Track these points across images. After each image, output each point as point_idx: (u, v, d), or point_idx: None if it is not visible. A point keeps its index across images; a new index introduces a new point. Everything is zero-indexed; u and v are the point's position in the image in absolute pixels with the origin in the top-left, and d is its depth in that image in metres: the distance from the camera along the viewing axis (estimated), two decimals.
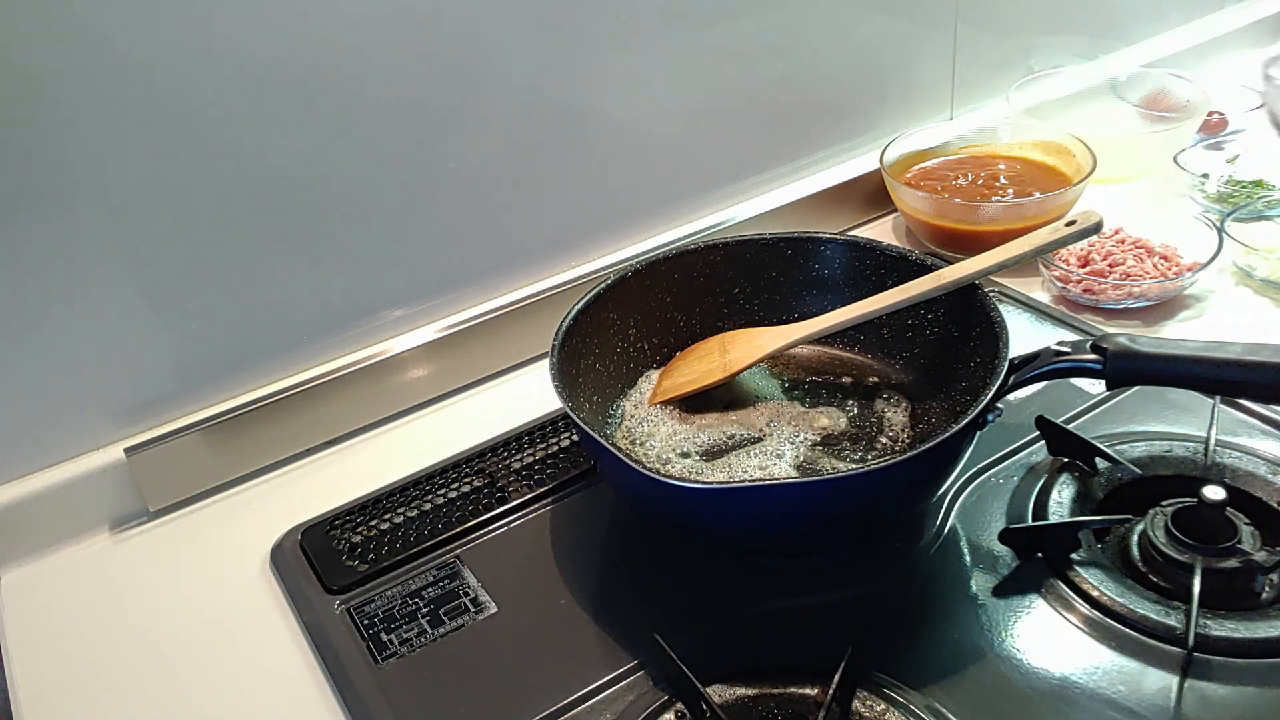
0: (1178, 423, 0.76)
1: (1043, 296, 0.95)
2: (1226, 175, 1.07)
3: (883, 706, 0.58)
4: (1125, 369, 0.64)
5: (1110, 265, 0.93)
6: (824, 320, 0.78)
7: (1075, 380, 0.80)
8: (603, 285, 0.79)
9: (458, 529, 0.75)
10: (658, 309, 0.84)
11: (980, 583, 0.66)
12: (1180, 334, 0.88)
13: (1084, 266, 0.94)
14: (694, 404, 0.80)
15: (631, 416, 0.80)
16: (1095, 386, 0.79)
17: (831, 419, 0.78)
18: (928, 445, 0.62)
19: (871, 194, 1.10)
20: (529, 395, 0.89)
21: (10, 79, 0.66)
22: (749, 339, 0.81)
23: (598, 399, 0.80)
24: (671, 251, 0.83)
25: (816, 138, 1.07)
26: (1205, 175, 1.07)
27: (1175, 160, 1.09)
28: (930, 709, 0.58)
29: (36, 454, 0.78)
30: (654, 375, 0.84)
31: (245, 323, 0.82)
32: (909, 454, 0.63)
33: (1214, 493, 0.65)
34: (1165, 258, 0.93)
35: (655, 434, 0.78)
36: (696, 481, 0.71)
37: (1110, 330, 0.87)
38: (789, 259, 0.84)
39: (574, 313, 0.76)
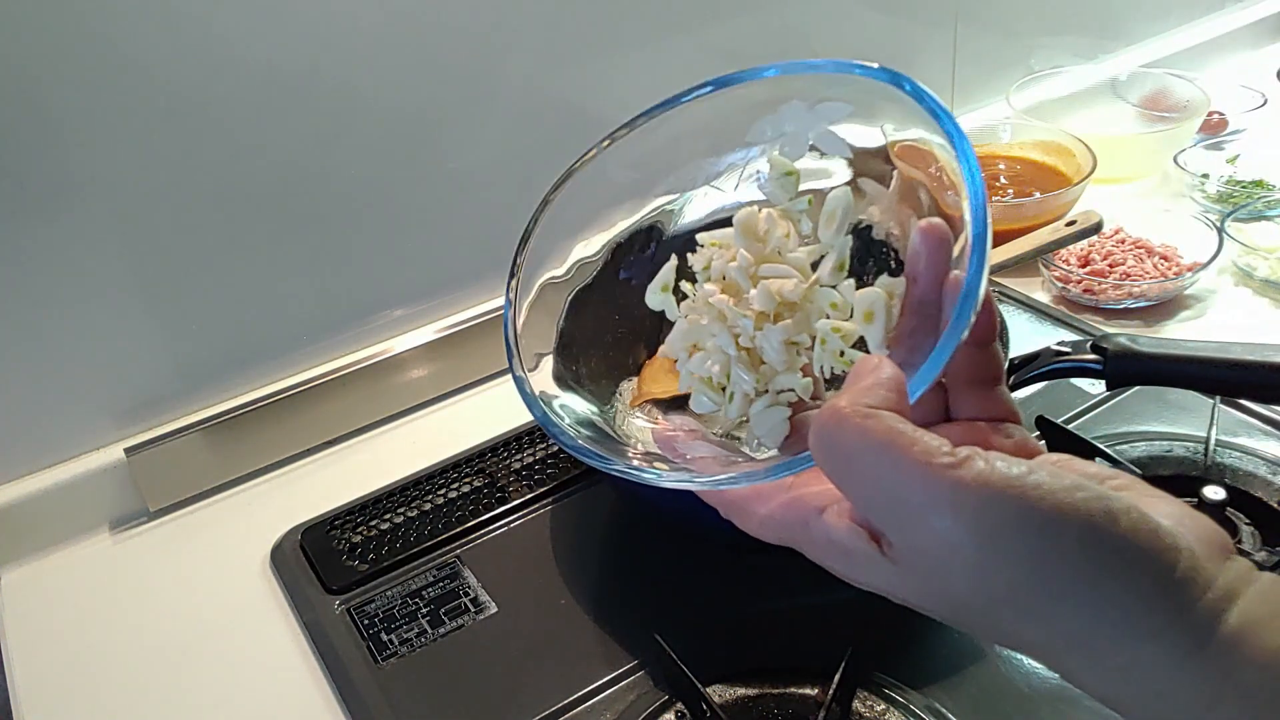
0: (1178, 423, 0.76)
1: (1043, 296, 0.95)
2: (1226, 175, 1.07)
3: (883, 706, 0.58)
4: (1125, 369, 0.64)
5: (1110, 265, 0.93)
6: None
7: (1075, 380, 0.80)
8: None
9: (458, 529, 0.75)
10: None
11: None
12: (1180, 334, 0.88)
13: (1084, 266, 0.93)
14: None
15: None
16: (1095, 386, 0.79)
17: None
18: None
19: None
20: None
21: (10, 79, 0.66)
22: None
23: None
24: None
25: None
26: (1205, 175, 1.07)
27: (1175, 160, 1.09)
28: (930, 709, 0.58)
29: (36, 454, 0.78)
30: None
31: (245, 323, 0.82)
32: None
33: (1214, 493, 0.65)
34: (1165, 258, 0.93)
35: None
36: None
37: (1110, 330, 0.87)
38: None
39: None
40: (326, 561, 0.73)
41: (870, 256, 0.42)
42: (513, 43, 0.84)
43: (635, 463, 0.40)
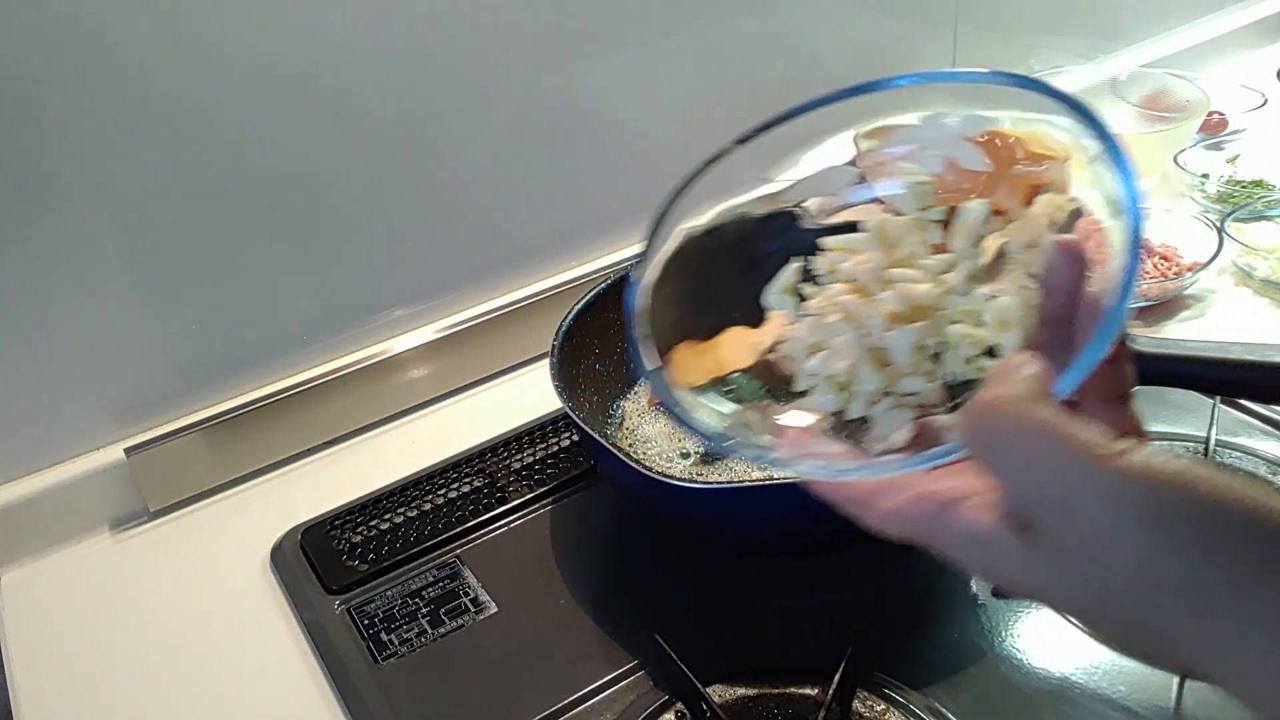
0: (1178, 423, 0.76)
1: None
2: (1226, 175, 1.07)
3: (883, 706, 0.58)
4: None
5: None
6: None
7: None
8: (603, 285, 0.79)
9: (458, 529, 0.75)
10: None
11: (980, 582, 0.66)
12: (1180, 334, 0.88)
13: None
14: None
15: (631, 416, 0.80)
16: None
17: None
18: None
19: None
20: (529, 395, 0.89)
21: (10, 79, 0.66)
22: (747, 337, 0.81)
23: (598, 399, 0.80)
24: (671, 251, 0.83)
25: None
26: (1205, 175, 1.07)
27: (1175, 160, 1.09)
28: (930, 709, 0.58)
29: (36, 454, 0.78)
30: None
31: (245, 323, 0.82)
32: None
33: None
34: (1165, 258, 0.93)
35: (655, 434, 0.78)
36: (696, 481, 0.71)
37: None
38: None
39: (574, 313, 0.76)
40: (326, 561, 0.73)
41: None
42: (513, 43, 0.84)
43: (771, 449, 0.40)
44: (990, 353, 0.39)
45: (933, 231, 0.42)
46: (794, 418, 0.43)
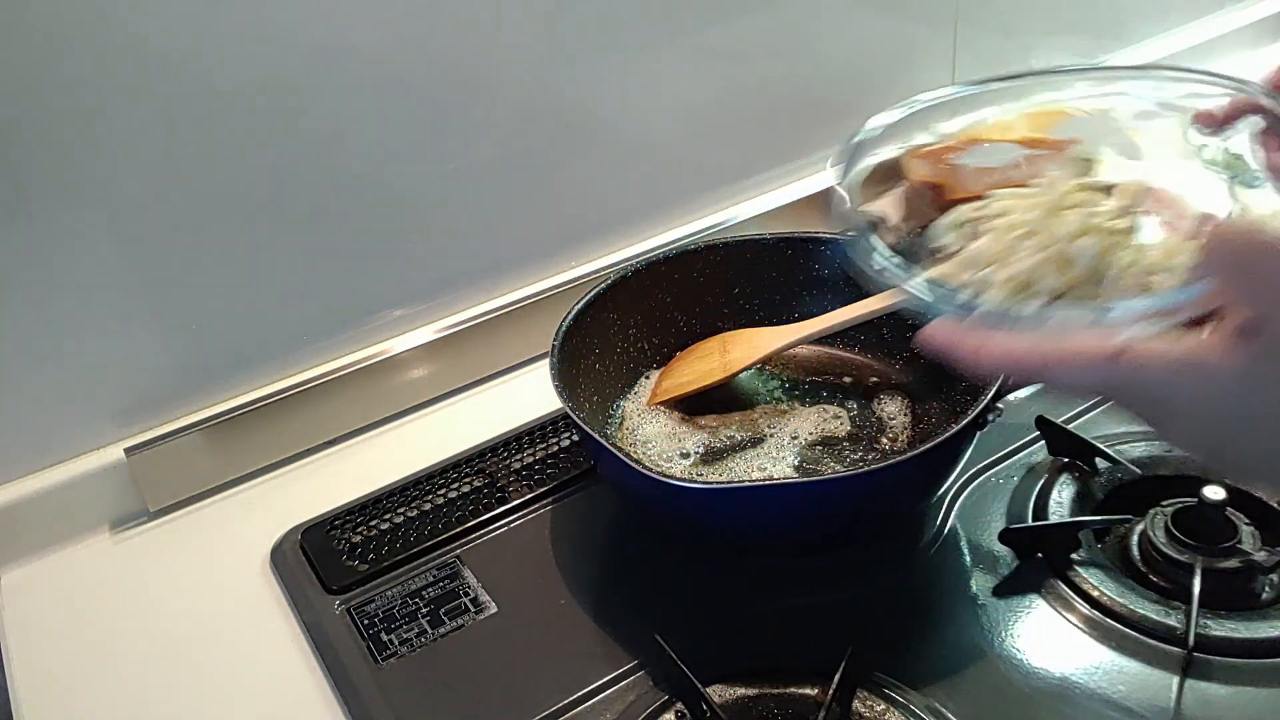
0: None
1: None
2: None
3: (883, 706, 0.58)
4: None
5: None
6: (824, 320, 0.78)
7: None
8: (603, 285, 0.79)
9: (458, 529, 0.75)
10: (658, 309, 0.84)
11: (980, 583, 0.66)
12: None
13: None
14: (694, 404, 0.80)
15: (631, 416, 0.80)
16: None
17: (832, 419, 0.78)
18: (928, 445, 0.62)
19: None
20: (529, 395, 0.88)
21: (11, 79, 0.66)
22: (749, 339, 0.81)
23: (598, 399, 0.80)
24: (671, 251, 0.84)
25: (817, 138, 1.07)
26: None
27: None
28: (930, 709, 0.58)
29: (36, 454, 0.78)
30: (654, 375, 0.84)
31: (245, 323, 0.82)
32: (909, 454, 0.63)
33: (1214, 492, 0.65)
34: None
35: (655, 434, 0.78)
36: (696, 481, 0.71)
37: None
38: (789, 259, 0.84)
39: (574, 313, 0.76)
40: (326, 561, 0.73)
41: None
42: (513, 43, 0.84)
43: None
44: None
45: (1095, 194, 0.49)
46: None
